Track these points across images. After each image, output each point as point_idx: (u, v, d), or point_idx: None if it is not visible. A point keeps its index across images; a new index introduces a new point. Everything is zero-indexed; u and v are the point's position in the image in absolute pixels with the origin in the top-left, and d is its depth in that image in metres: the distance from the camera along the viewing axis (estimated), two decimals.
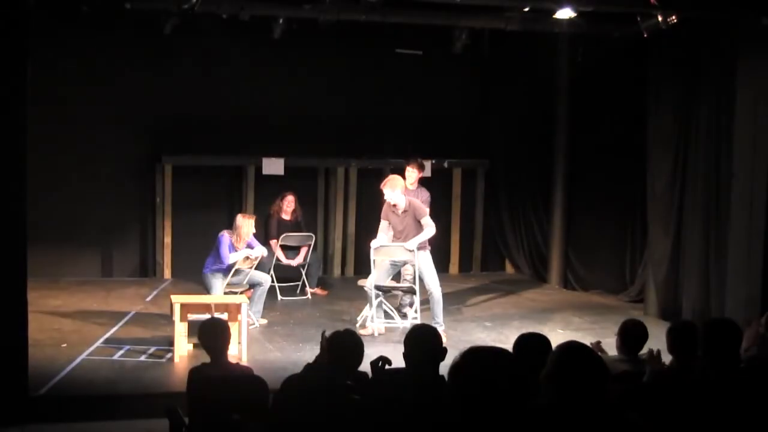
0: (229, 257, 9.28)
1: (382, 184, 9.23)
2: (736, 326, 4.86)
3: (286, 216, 11.11)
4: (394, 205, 9.11)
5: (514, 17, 10.03)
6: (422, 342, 4.40)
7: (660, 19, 9.17)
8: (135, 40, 11.27)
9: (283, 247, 10.98)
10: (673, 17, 9.13)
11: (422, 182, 10.20)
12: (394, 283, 9.60)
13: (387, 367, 4.90)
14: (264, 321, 9.56)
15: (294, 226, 11.13)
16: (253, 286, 9.55)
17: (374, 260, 9.18)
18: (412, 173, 9.92)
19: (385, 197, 9.13)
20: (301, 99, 12.03)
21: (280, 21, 9.94)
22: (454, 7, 9.69)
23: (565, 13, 9.51)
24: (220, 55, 11.51)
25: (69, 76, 11.25)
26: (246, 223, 9.48)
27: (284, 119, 12.02)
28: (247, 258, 9.36)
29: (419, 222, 9.06)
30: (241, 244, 9.43)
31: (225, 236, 9.38)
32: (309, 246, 11.11)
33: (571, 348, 3.42)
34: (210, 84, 11.77)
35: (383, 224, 9.33)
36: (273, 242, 10.88)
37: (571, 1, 9.13)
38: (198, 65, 11.71)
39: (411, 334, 4.47)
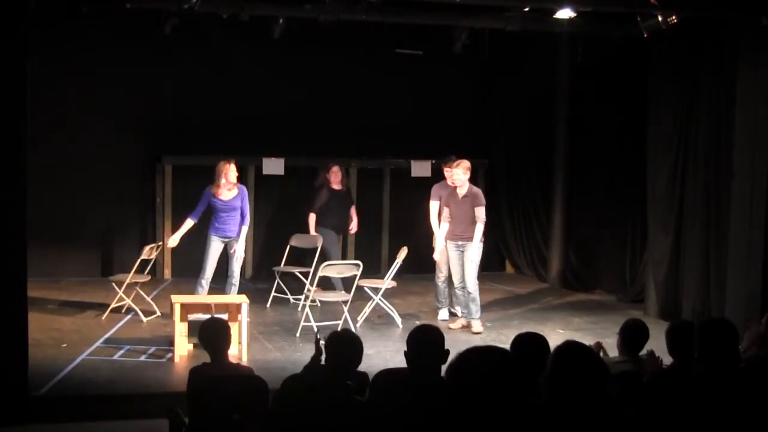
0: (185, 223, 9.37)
1: (454, 165, 9.24)
2: (731, 326, 4.85)
3: (336, 186, 10.99)
4: (455, 188, 9.21)
5: (514, 17, 10.03)
6: (425, 342, 4.39)
7: (660, 19, 9.17)
8: (135, 40, 11.27)
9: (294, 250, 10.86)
10: (673, 17, 9.13)
11: (422, 182, 10.25)
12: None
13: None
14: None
15: (345, 195, 11.13)
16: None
17: (319, 276, 9.18)
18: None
19: (454, 179, 9.19)
20: (301, 99, 12.03)
21: (280, 21, 9.94)
22: (454, 7, 9.69)
23: (565, 13, 9.52)
24: (220, 55, 11.50)
25: (69, 75, 11.26)
26: (225, 167, 9.33)
27: (284, 119, 12.02)
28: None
29: (474, 210, 9.14)
30: (223, 190, 9.32)
31: (207, 190, 9.40)
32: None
33: (570, 347, 3.43)
34: (210, 84, 11.78)
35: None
36: (312, 215, 10.83)
37: (571, 1, 9.13)
38: (198, 65, 11.71)
39: (414, 334, 4.46)
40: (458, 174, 9.16)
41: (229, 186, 9.36)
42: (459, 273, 9.32)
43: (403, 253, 9.78)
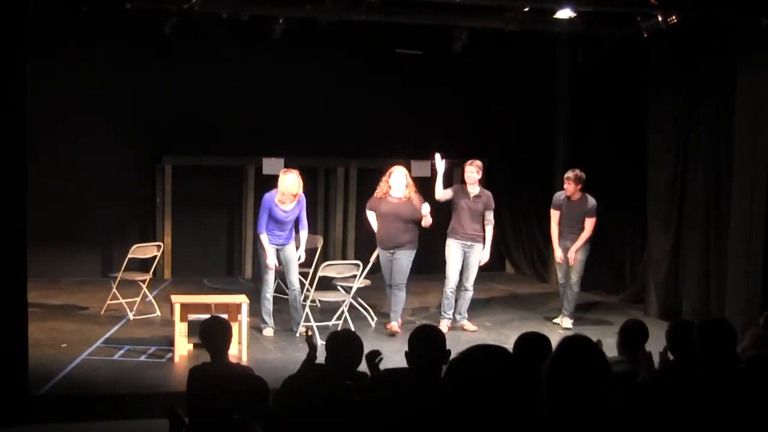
0: (262, 238, 8.92)
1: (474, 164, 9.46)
2: (730, 327, 4.86)
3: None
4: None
5: (514, 17, 10.03)
6: (427, 342, 4.39)
7: (660, 19, 9.18)
8: (135, 40, 11.28)
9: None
10: (673, 17, 9.13)
11: (422, 182, 10.22)
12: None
13: (379, 360, 4.93)
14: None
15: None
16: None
17: (319, 276, 9.11)
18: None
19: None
20: (301, 99, 12.03)
21: (280, 21, 9.94)
22: (454, 7, 9.70)
23: (565, 13, 9.52)
24: (220, 55, 11.51)
25: (69, 75, 11.26)
26: (287, 177, 8.80)
27: (284, 119, 12.01)
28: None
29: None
30: (287, 200, 8.82)
31: (267, 196, 8.85)
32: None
33: (576, 339, 3.43)
34: (210, 84, 11.78)
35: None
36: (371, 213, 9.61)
37: (571, 1, 9.14)
38: (198, 65, 11.71)
39: (416, 333, 4.46)
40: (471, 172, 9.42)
41: (290, 197, 8.87)
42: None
43: (376, 252, 9.66)
